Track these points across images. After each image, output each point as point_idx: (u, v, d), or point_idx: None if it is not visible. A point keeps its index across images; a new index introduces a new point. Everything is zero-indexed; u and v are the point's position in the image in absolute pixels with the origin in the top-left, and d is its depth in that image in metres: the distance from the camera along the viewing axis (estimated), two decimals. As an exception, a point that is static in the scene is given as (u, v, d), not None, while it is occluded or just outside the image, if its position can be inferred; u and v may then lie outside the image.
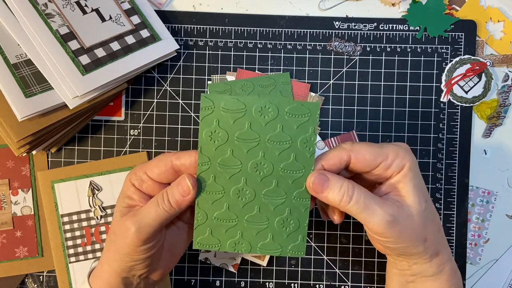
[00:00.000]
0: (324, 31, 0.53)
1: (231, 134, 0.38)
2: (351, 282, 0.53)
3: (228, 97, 0.37)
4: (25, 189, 0.53)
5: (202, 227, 0.39)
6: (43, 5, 0.48)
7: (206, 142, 0.38)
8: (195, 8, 0.54)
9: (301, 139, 0.38)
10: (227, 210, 0.39)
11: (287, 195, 0.38)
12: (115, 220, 0.39)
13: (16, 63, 0.48)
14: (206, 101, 0.37)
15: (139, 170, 0.39)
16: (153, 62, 0.51)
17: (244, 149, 0.38)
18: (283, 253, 0.39)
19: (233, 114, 0.37)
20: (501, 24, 0.54)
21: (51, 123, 0.48)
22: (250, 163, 0.38)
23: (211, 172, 0.38)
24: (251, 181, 0.38)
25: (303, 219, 0.39)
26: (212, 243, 0.39)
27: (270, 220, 0.39)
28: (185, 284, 0.53)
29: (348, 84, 0.53)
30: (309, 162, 0.38)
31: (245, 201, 0.39)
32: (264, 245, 0.39)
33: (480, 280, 0.53)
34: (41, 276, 0.53)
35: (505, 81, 0.53)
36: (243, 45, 0.54)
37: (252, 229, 0.39)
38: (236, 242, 0.39)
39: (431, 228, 0.39)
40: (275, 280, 0.53)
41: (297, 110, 0.38)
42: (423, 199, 0.38)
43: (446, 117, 0.53)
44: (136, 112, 0.54)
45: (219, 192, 0.38)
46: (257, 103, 0.37)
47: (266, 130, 0.38)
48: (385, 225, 0.36)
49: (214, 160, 0.38)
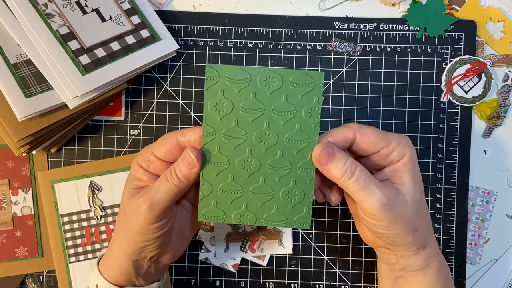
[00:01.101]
0: (324, 31, 0.53)
1: (236, 104, 0.38)
2: (351, 282, 0.53)
3: (232, 67, 0.38)
4: (25, 189, 0.53)
5: (207, 199, 0.39)
6: (43, 5, 0.48)
7: (211, 113, 0.38)
8: (195, 8, 0.54)
9: (305, 109, 0.38)
10: (232, 181, 0.38)
11: (292, 166, 0.38)
12: (124, 202, 0.40)
13: (16, 63, 0.48)
14: (211, 71, 0.37)
15: (146, 152, 0.40)
16: (153, 62, 0.51)
17: (249, 119, 0.38)
18: (288, 224, 0.39)
19: (238, 84, 0.37)
20: (501, 24, 0.54)
21: (51, 123, 0.48)
22: (255, 133, 0.38)
23: (216, 143, 0.38)
24: (256, 152, 0.38)
25: (308, 190, 0.38)
26: (217, 215, 0.39)
27: (275, 191, 0.38)
28: (185, 284, 0.53)
29: (348, 84, 0.53)
30: (313, 132, 0.38)
31: (250, 172, 0.38)
32: (269, 216, 0.39)
33: (480, 280, 0.53)
34: (41, 276, 0.53)
35: (505, 81, 0.53)
36: (243, 45, 0.54)
37: (257, 200, 0.39)
38: (241, 214, 0.39)
39: (422, 219, 0.39)
40: (275, 280, 0.53)
41: (302, 80, 0.38)
42: (418, 189, 0.39)
43: (446, 117, 0.53)
44: (136, 112, 0.54)
45: (224, 163, 0.38)
46: (262, 73, 0.38)
47: (271, 99, 0.38)
48: (381, 207, 0.36)
49: (219, 131, 0.38)
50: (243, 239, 0.53)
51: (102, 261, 0.42)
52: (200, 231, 0.53)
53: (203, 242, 0.53)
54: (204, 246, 0.53)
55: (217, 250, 0.53)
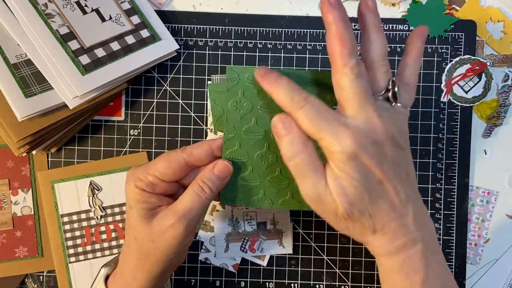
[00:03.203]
0: (324, 31, 0.53)
1: (255, 104, 0.40)
2: (351, 282, 0.53)
3: (252, 69, 0.39)
4: (25, 189, 0.53)
5: (230, 187, 0.42)
6: (43, 5, 0.48)
7: (232, 112, 0.40)
8: (195, 8, 0.54)
9: None
10: (251, 172, 0.41)
11: None
12: (143, 229, 0.38)
13: (16, 63, 0.48)
14: (232, 73, 0.40)
15: (144, 174, 0.38)
16: (153, 62, 0.51)
17: (267, 117, 0.40)
18: (301, 207, 0.42)
19: (257, 85, 0.39)
20: (501, 24, 0.54)
21: (51, 123, 0.48)
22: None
23: (236, 139, 0.40)
24: (273, 146, 0.40)
25: None
26: (237, 200, 0.42)
27: (290, 180, 0.41)
28: (185, 284, 0.53)
29: (348, 84, 0.53)
30: None
31: (267, 164, 0.41)
32: (284, 201, 0.42)
33: (480, 280, 0.53)
34: (41, 276, 0.53)
35: (505, 81, 0.53)
36: (243, 45, 0.54)
37: (274, 188, 0.42)
38: (259, 199, 0.42)
39: (363, 208, 0.34)
40: (275, 280, 0.53)
41: (319, 77, 0.40)
42: (348, 200, 0.34)
43: (446, 117, 0.53)
44: (136, 112, 0.54)
45: (244, 157, 0.41)
46: (280, 73, 0.39)
47: None
48: (310, 200, 0.35)
49: (239, 129, 0.40)
50: (243, 239, 0.53)
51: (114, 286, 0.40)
52: (200, 231, 0.53)
53: (203, 242, 0.53)
54: (204, 246, 0.53)
55: (217, 250, 0.53)
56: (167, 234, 0.37)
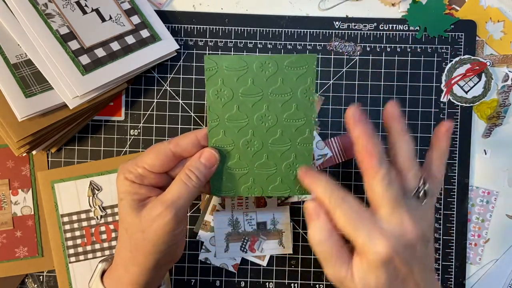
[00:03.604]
0: (324, 31, 0.53)
1: (236, 91, 0.40)
2: (351, 282, 0.53)
3: (230, 57, 0.40)
4: (25, 189, 0.53)
5: (218, 177, 0.42)
6: (43, 5, 0.48)
7: (214, 101, 0.41)
8: (195, 8, 0.54)
9: (301, 90, 0.40)
10: (239, 160, 0.41)
11: (291, 142, 0.41)
12: (133, 220, 0.38)
13: (16, 63, 0.48)
14: (210, 62, 0.40)
15: (133, 166, 0.39)
16: (153, 62, 0.51)
17: (249, 103, 0.41)
18: (292, 192, 0.42)
19: (236, 72, 0.40)
20: (501, 24, 0.54)
21: (51, 123, 0.48)
22: (256, 116, 0.41)
23: (220, 127, 0.41)
24: (258, 132, 0.41)
25: (308, 162, 0.42)
26: (227, 189, 0.42)
27: (278, 166, 0.42)
28: (185, 284, 0.53)
29: (348, 84, 0.53)
30: (310, 110, 0.41)
31: (254, 151, 0.41)
32: (274, 187, 0.42)
33: (480, 280, 0.53)
34: (41, 276, 0.53)
35: (505, 81, 0.53)
36: (243, 45, 0.54)
37: (263, 174, 0.42)
38: (249, 187, 0.42)
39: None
40: (275, 280, 0.53)
41: (295, 63, 0.40)
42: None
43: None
44: (136, 112, 0.54)
45: (229, 145, 0.41)
46: (258, 60, 0.40)
47: (268, 84, 0.40)
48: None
49: (222, 117, 0.41)
50: (243, 239, 0.53)
51: (109, 281, 0.41)
52: (200, 231, 0.53)
53: (203, 242, 0.53)
54: (204, 246, 0.53)
55: (217, 250, 0.53)
56: (155, 223, 0.37)
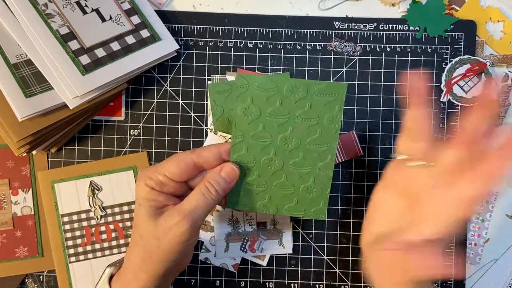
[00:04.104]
0: (324, 31, 0.53)
1: (263, 110, 0.41)
2: (351, 282, 0.53)
3: (261, 77, 0.41)
4: (25, 189, 0.53)
5: (236, 191, 0.42)
6: (43, 5, 0.48)
7: (241, 117, 0.41)
8: (195, 8, 0.54)
9: (327, 117, 0.41)
10: (258, 177, 0.42)
11: (312, 166, 0.42)
12: (149, 226, 0.38)
13: (16, 63, 0.48)
14: (241, 80, 0.41)
15: (153, 173, 0.39)
16: (153, 62, 0.51)
17: (275, 124, 0.41)
18: (306, 215, 0.43)
19: (266, 93, 0.41)
20: (501, 24, 0.54)
21: (51, 123, 0.48)
22: (280, 136, 0.42)
23: (244, 144, 0.41)
24: (280, 153, 0.42)
25: (325, 188, 0.42)
26: (244, 204, 0.43)
27: (296, 187, 0.42)
28: (185, 284, 0.53)
29: (348, 84, 0.53)
30: (333, 138, 0.42)
31: (274, 170, 0.42)
32: (289, 208, 0.43)
33: (480, 280, 0.53)
34: (41, 276, 0.53)
35: (505, 81, 0.53)
36: (243, 45, 0.54)
37: (280, 194, 0.43)
38: (265, 204, 0.43)
39: None
40: (275, 280, 0.53)
41: (325, 90, 0.41)
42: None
43: (446, 117, 0.53)
44: (136, 112, 0.54)
45: (251, 162, 0.42)
46: (288, 83, 0.41)
47: (296, 107, 0.41)
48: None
49: (247, 134, 0.41)
50: (243, 239, 0.53)
51: (117, 285, 0.40)
52: (200, 231, 0.53)
53: (203, 242, 0.53)
54: (204, 246, 0.53)
55: (217, 250, 0.53)
56: (171, 232, 0.38)
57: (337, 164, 0.53)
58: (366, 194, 0.53)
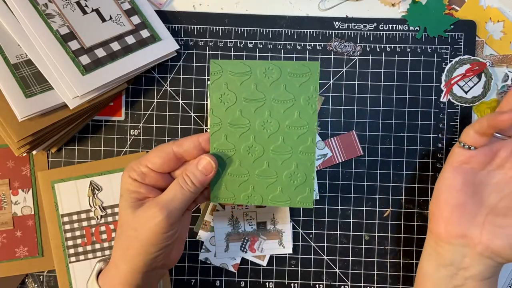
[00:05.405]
0: (324, 31, 0.53)
1: (239, 96, 0.41)
2: (351, 282, 0.53)
3: (234, 62, 0.41)
4: (25, 189, 0.53)
5: (218, 183, 0.42)
6: (43, 5, 0.48)
7: (217, 104, 0.41)
8: (195, 8, 0.54)
9: (303, 97, 0.40)
10: (239, 166, 0.41)
11: (293, 150, 0.41)
12: (128, 217, 0.39)
13: (16, 63, 0.48)
14: (215, 66, 0.41)
15: (137, 165, 0.40)
16: (153, 62, 0.51)
17: (251, 108, 0.41)
18: (292, 204, 0.41)
19: (240, 77, 0.40)
20: (501, 24, 0.54)
21: (51, 123, 0.48)
22: (258, 121, 0.41)
23: (222, 131, 0.41)
24: (259, 138, 0.41)
25: (309, 172, 0.41)
26: (227, 196, 0.42)
27: (279, 174, 0.41)
28: (185, 284, 0.53)
29: (348, 84, 0.53)
30: (312, 119, 0.41)
31: (255, 157, 0.41)
32: (274, 197, 0.41)
33: (480, 280, 0.53)
34: (41, 276, 0.53)
35: (504, 81, 0.53)
36: (243, 45, 0.54)
37: (263, 182, 0.41)
38: (248, 195, 0.42)
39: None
40: (275, 280, 0.53)
41: (299, 70, 0.40)
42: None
43: (446, 117, 0.53)
44: (136, 112, 0.54)
45: (230, 150, 0.41)
46: (261, 66, 0.40)
47: (271, 90, 0.41)
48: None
49: (224, 121, 0.41)
50: (243, 239, 0.53)
51: (103, 279, 0.41)
52: (200, 231, 0.53)
53: (203, 242, 0.53)
54: (204, 246, 0.53)
55: (217, 250, 0.53)
56: (148, 223, 0.38)
57: (337, 164, 0.53)
58: (367, 194, 0.53)
